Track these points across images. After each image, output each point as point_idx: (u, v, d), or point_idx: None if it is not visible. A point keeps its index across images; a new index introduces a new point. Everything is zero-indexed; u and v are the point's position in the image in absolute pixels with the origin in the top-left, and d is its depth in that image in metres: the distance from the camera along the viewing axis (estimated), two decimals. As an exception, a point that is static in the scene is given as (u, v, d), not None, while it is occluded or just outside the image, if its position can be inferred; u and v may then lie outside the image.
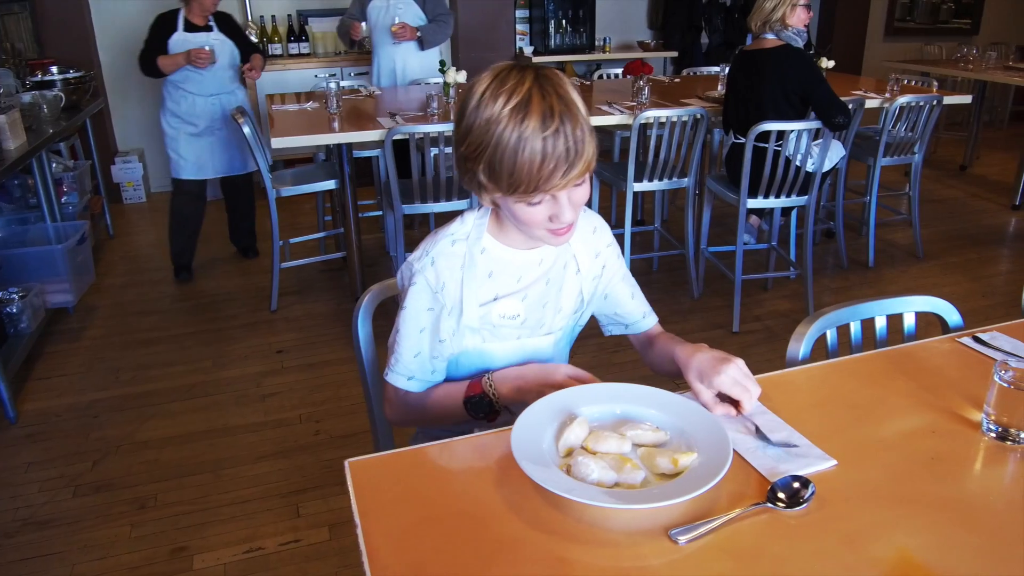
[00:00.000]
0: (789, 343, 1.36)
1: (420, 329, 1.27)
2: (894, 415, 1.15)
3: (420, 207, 3.38)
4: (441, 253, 1.26)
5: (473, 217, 1.30)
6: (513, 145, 1.08)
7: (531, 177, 1.08)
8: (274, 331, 3.54)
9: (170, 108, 3.92)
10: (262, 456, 2.64)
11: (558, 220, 1.15)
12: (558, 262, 1.34)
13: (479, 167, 1.13)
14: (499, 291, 1.29)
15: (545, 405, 1.09)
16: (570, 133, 1.08)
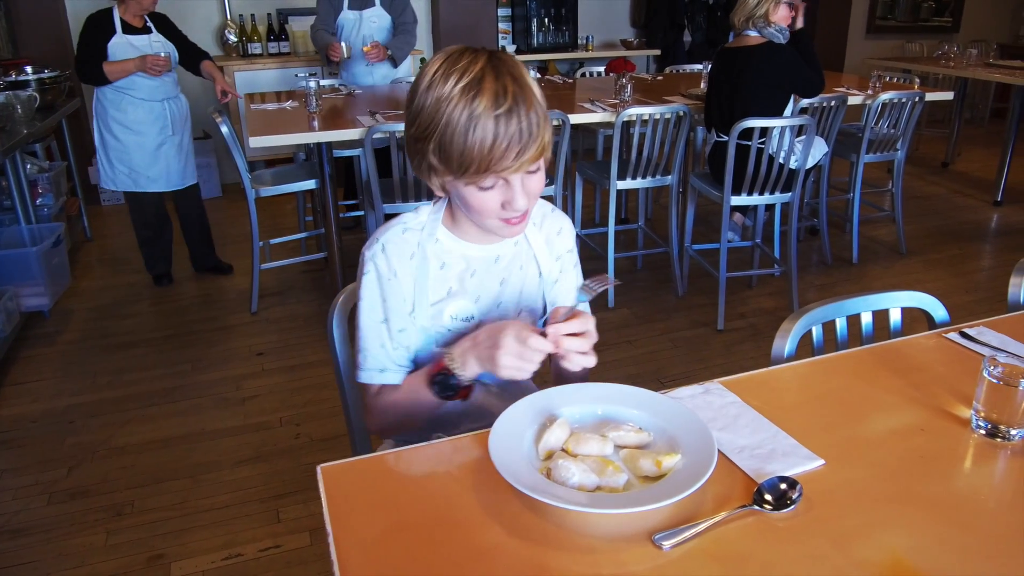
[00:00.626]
0: (774, 340, 1.34)
1: (380, 320, 1.23)
2: (882, 413, 1.12)
3: (401, 206, 3.33)
4: (391, 240, 1.22)
5: (428, 209, 1.26)
6: (464, 124, 1.04)
7: (482, 157, 1.05)
8: (254, 333, 3.49)
9: (115, 116, 3.67)
10: (241, 460, 2.59)
11: (511, 207, 1.11)
12: (515, 261, 1.29)
13: (429, 148, 1.09)
14: (452, 285, 1.24)
15: (525, 406, 1.06)
16: (524, 114, 1.05)
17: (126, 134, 3.70)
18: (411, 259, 1.22)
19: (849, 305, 1.40)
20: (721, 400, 1.13)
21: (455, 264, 1.24)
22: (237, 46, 5.52)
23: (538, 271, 1.32)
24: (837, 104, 3.70)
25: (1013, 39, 7.93)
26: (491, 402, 1.30)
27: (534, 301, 1.33)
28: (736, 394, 1.15)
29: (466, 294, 1.25)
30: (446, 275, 1.24)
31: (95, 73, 3.55)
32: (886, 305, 1.44)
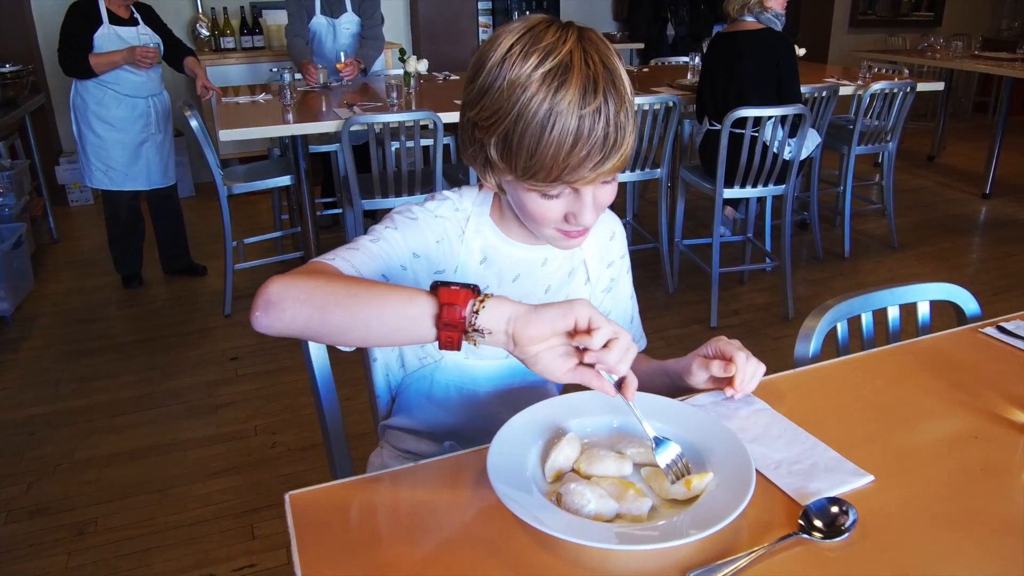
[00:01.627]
0: (798, 339, 1.21)
1: (401, 264, 1.01)
2: (928, 418, 1.00)
3: (381, 202, 3.19)
4: (443, 215, 1.06)
5: (473, 195, 1.09)
6: (541, 120, 0.86)
7: (556, 163, 0.87)
8: (228, 337, 3.33)
9: (95, 112, 3.48)
10: (214, 472, 2.44)
11: (575, 221, 0.94)
12: (563, 267, 1.14)
13: (491, 140, 0.91)
14: (490, 283, 1.08)
15: (526, 419, 0.92)
16: (612, 115, 0.87)
17: (107, 130, 3.52)
18: (459, 241, 1.07)
19: (875, 299, 1.28)
20: (748, 407, 1.01)
21: (499, 262, 1.09)
22: (209, 40, 5.34)
23: (586, 276, 1.18)
24: (828, 94, 3.61)
25: (994, 32, 7.90)
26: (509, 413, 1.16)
27: None
28: (762, 399, 1.02)
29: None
30: (486, 272, 1.09)
31: (80, 65, 3.37)
32: (914, 298, 1.32)
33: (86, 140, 3.55)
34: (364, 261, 0.97)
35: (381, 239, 1.01)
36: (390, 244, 1.01)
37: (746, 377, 1.02)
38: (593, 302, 1.18)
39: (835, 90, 3.62)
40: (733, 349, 1.04)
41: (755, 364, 1.03)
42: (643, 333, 1.32)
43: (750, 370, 1.02)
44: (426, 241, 1.04)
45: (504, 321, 0.81)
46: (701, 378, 1.06)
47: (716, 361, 1.04)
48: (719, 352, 1.06)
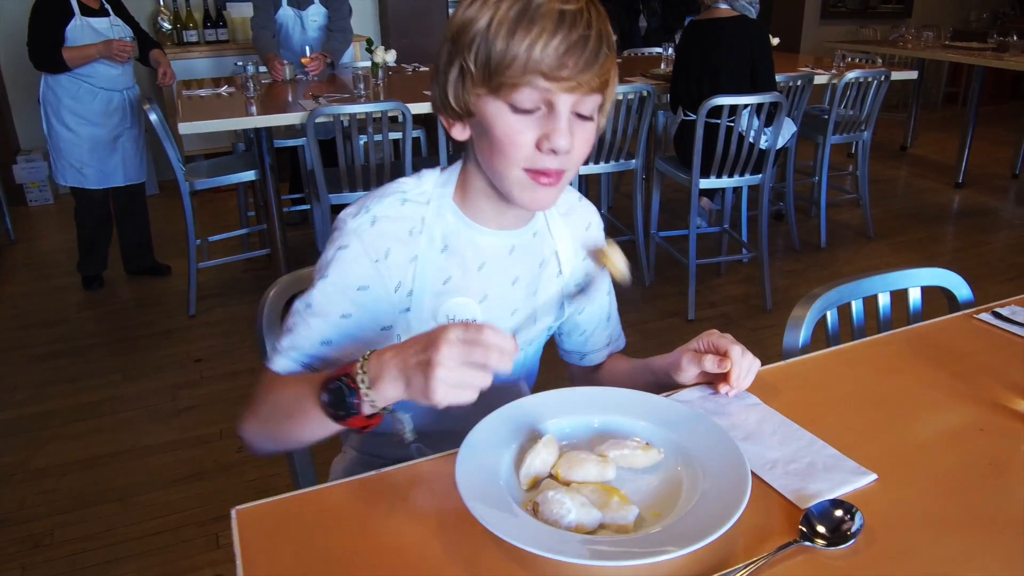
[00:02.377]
0: (786, 328, 1.14)
1: (342, 313, 0.95)
2: (929, 410, 0.94)
3: (349, 196, 3.09)
4: (386, 214, 0.95)
5: (433, 178, 1.00)
6: (518, 11, 0.82)
7: (531, 51, 0.81)
8: (192, 338, 3.21)
9: (70, 107, 3.34)
10: (177, 479, 2.33)
11: (548, 144, 0.85)
12: (533, 257, 1.05)
13: (469, 53, 0.85)
14: (452, 274, 0.99)
15: (498, 421, 0.84)
16: (594, 22, 0.84)
17: (82, 125, 3.38)
18: (410, 236, 0.96)
19: (866, 285, 1.22)
20: (739, 402, 0.94)
21: (461, 249, 0.99)
22: (172, 34, 5.19)
23: (558, 269, 1.08)
24: (803, 83, 3.56)
25: (963, 24, 7.94)
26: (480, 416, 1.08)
27: (550, 308, 1.10)
28: (753, 394, 0.96)
29: (469, 289, 1.00)
30: (447, 261, 0.99)
31: (53, 59, 3.22)
32: (905, 284, 1.26)
33: (59, 137, 3.40)
34: (304, 344, 0.94)
35: (312, 305, 0.95)
36: (324, 305, 0.95)
37: (742, 372, 0.95)
38: (566, 299, 1.11)
39: (810, 79, 3.57)
40: (727, 343, 0.97)
41: (750, 359, 0.96)
42: (621, 332, 1.25)
43: (745, 365, 0.96)
44: (365, 270, 0.95)
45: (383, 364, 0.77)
46: (691, 374, 0.99)
47: (709, 356, 0.97)
48: (712, 346, 0.99)
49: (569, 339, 1.20)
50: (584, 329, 1.18)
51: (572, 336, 1.20)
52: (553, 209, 1.06)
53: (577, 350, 1.21)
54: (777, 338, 3.15)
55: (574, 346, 1.21)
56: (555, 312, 1.12)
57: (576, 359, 1.23)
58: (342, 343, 0.96)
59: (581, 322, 1.17)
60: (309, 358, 0.95)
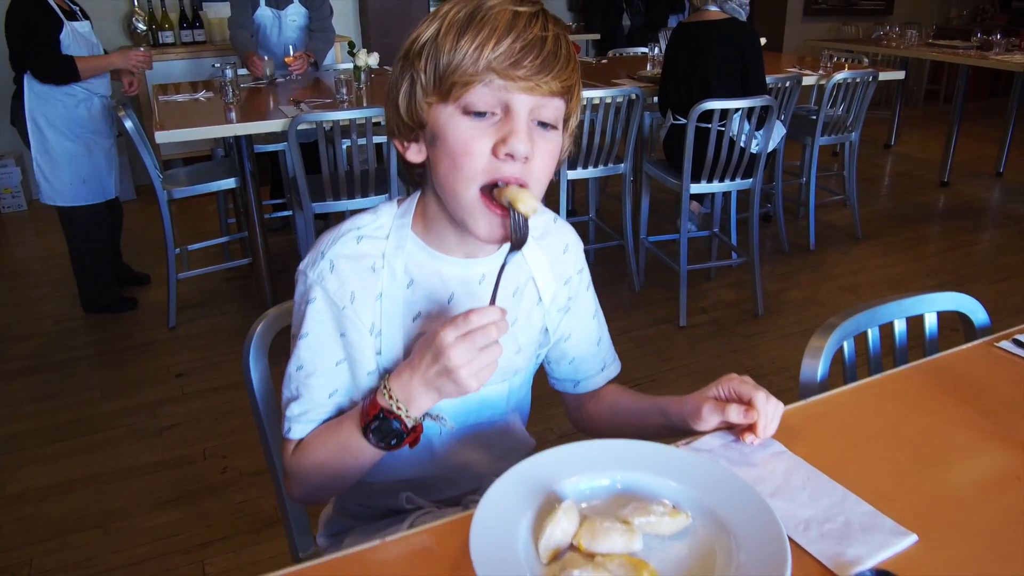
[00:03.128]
0: (803, 361, 1.09)
1: (336, 361, 0.92)
2: (962, 456, 0.89)
3: (332, 205, 3.02)
4: (343, 254, 0.90)
5: (391, 211, 0.94)
6: (468, 12, 0.79)
7: (484, 46, 0.77)
8: (173, 351, 3.13)
9: (67, 118, 3.14)
10: (160, 503, 2.26)
11: (506, 146, 0.79)
12: (505, 286, 0.97)
13: (419, 62, 0.81)
14: (421, 309, 0.93)
15: (513, 482, 0.77)
16: (551, 25, 0.80)
17: (80, 136, 3.21)
18: (373, 273, 0.91)
19: (882, 312, 1.17)
20: (763, 451, 0.88)
21: (427, 282, 0.93)
22: (147, 35, 5.07)
23: (537, 295, 1.02)
24: (792, 85, 3.53)
25: (944, 21, 7.97)
26: (471, 456, 1.03)
27: (533, 337, 1.04)
28: (777, 439, 0.90)
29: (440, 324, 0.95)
30: (414, 296, 0.93)
31: (63, 70, 3.05)
32: (922, 310, 1.22)
33: (55, 151, 3.17)
34: (313, 405, 0.94)
35: (304, 366, 0.93)
36: (314, 362, 0.93)
37: (768, 421, 0.90)
38: (549, 325, 1.04)
39: (798, 80, 3.54)
40: (750, 389, 0.91)
41: (775, 404, 0.91)
42: (616, 356, 1.18)
43: (771, 412, 0.90)
44: (337, 316, 0.91)
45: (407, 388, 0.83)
46: (712, 423, 0.93)
47: (733, 405, 0.91)
48: (734, 393, 0.93)
49: (558, 367, 1.14)
50: (573, 356, 1.12)
51: (561, 364, 1.13)
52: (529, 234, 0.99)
53: (569, 378, 1.15)
54: (770, 344, 3.11)
55: (565, 374, 1.14)
56: (539, 340, 1.05)
57: (569, 387, 1.16)
58: (348, 387, 0.94)
59: (569, 349, 1.11)
60: (324, 415, 0.94)
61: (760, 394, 0.90)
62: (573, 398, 1.17)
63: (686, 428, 0.96)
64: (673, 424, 0.98)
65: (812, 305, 3.42)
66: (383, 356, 0.93)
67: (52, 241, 4.27)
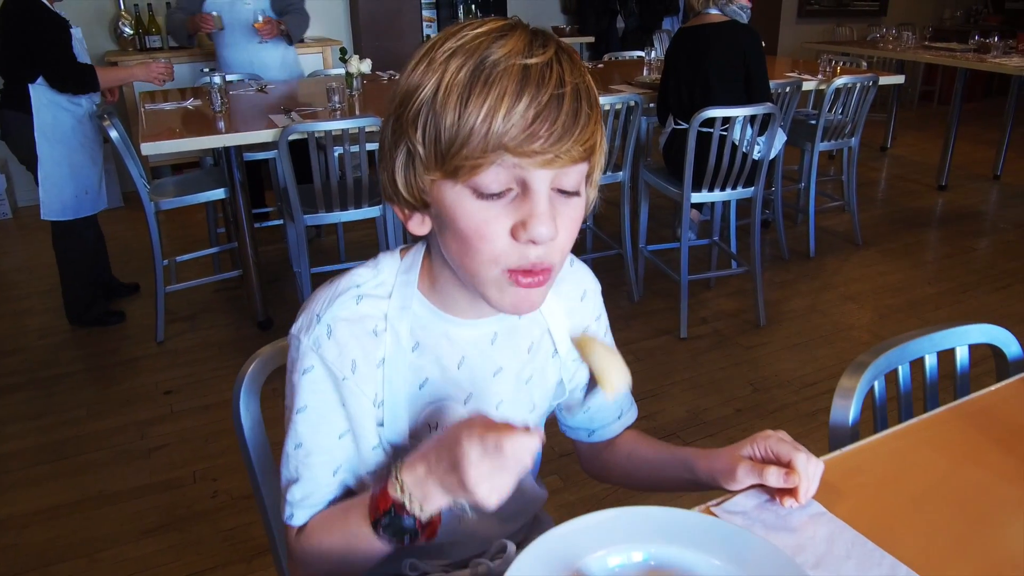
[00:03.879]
0: (833, 402, 1.03)
1: (339, 434, 0.83)
2: (1011, 515, 0.82)
3: (324, 216, 2.94)
4: (341, 318, 0.80)
5: (393, 266, 0.84)
6: (470, 73, 0.66)
7: (493, 118, 0.65)
8: (161, 367, 3.04)
9: (73, 127, 3.07)
10: (148, 530, 2.18)
11: (527, 232, 0.69)
12: (520, 343, 0.90)
13: (416, 130, 0.69)
14: (429, 375, 0.84)
15: (534, 560, 0.70)
16: (567, 75, 0.67)
17: (91, 147, 3.16)
18: (375, 337, 0.81)
19: (912, 348, 1.11)
20: (799, 512, 0.82)
21: (435, 346, 0.84)
22: (133, 39, 4.97)
23: (553, 348, 0.94)
24: (792, 90, 3.47)
25: (938, 22, 7.94)
26: (480, 519, 0.95)
27: (548, 392, 0.96)
28: (814, 498, 0.84)
29: (450, 391, 0.86)
30: (420, 360, 0.84)
31: (88, 80, 3.00)
32: (953, 343, 1.15)
33: (63, 164, 3.08)
34: (315, 487, 0.84)
35: (304, 444, 0.83)
36: (314, 438, 0.83)
37: (810, 484, 0.83)
38: (565, 374, 0.96)
39: (798, 85, 3.48)
40: (789, 449, 0.84)
41: (815, 464, 0.84)
42: (632, 402, 1.09)
43: (812, 472, 0.83)
44: (337, 386, 0.81)
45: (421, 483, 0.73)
46: (747, 483, 0.86)
47: (772, 469, 0.84)
48: (771, 453, 0.86)
49: (572, 416, 1.06)
50: (588, 405, 1.04)
51: (575, 412, 1.05)
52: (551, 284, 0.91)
53: (584, 427, 1.07)
54: (773, 356, 3.05)
55: (579, 423, 1.06)
56: (554, 393, 0.98)
57: (583, 436, 1.08)
58: (353, 461, 0.85)
59: (584, 399, 1.03)
60: (328, 495, 0.85)
61: (800, 455, 0.83)
62: (587, 447, 1.10)
63: (715, 485, 0.89)
64: (700, 480, 0.91)
65: (814, 315, 3.37)
66: (386, 428, 0.84)
67: (37, 251, 4.18)
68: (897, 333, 1.06)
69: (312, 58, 5.22)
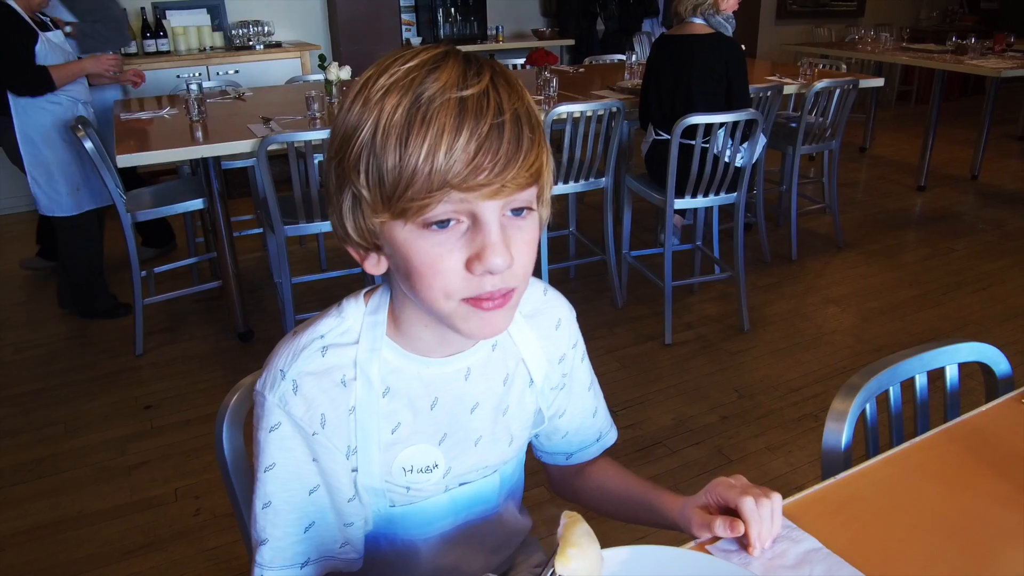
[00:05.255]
0: (826, 426, 1.02)
1: (310, 489, 0.81)
2: (1008, 544, 0.82)
3: (305, 227, 2.91)
4: (306, 372, 0.78)
5: (358, 311, 0.82)
6: (406, 111, 0.65)
7: (434, 156, 0.64)
8: (141, 381, 3.00)
9: (53, 125, 3.14)
10: (129, 551, 2.14)
11: (481, 264, 0.68)
12: (494, 376, 0.88)
13: (359, 175, 0.68)
14: (402, 419, 0.82)
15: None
16: (505, 102, 0.66)
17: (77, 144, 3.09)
18: (343, 388, 0.79)
19: (903, 369, 1.10)
20: (795, 548, 0.80)
21: (406, 388, 0.82)
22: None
23: (529, 378, 0.92)
24: (773, 95, 3.48)
25: (915, 22, 8.01)
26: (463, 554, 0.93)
27: (526, 422, 0.94)
28: (809, 532, 0.82)
29: (424, 433, 0.84)
30: (392, 405, 0.82)
31: (39, 81, 3.04)
32: (942, 362, 1.15)
33: (49, 162, 3.17)
34: (285, 546, 0.82)
35: (273, 502, 0.80)
36: (283, 495, 0.80)
37: (763, 528, 0.81)
38: (543, 402, 0.94)
39: (779, 89, 3.49)
40: (736, 496, 0.82)
41: (767, 505, 0.81)
42: (612, 423, 1.07)
43: (764, 515, 0.81)
44: (307, 442, 0.80)
45: None
46: (705, 535, 0.84)
47: (719, 521, 0.82)
48: (720, 500, 0.84)
49: (550, 442, 1.04)
50: (567, 430, 1.02)
51: (553, 439, 1.03)
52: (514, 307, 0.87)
53: (562, 451, 1.05)
54: (758, 362, 3.05)
55: (557, 448, 1.04)
56: (532, 422, 0.96)
57: (561, 460, 1.06)
58: (323, 519, 0.82)
59: (562, 424, 1.01)
60: (299, 557, 0.83)
61: (747, 500, 0.81)
62: (558, 471, 1.08)
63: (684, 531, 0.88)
64: (665, 523, 0.90)
65: (797, 319, 3.37)
66: (360, 473, 0.82)
67: (9, 262, 4.11)
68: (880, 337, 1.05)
69: (290, 63, 5.18)
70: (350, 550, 0.86)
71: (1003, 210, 4.78)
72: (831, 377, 2.90)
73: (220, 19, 5.34)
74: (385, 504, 0.85)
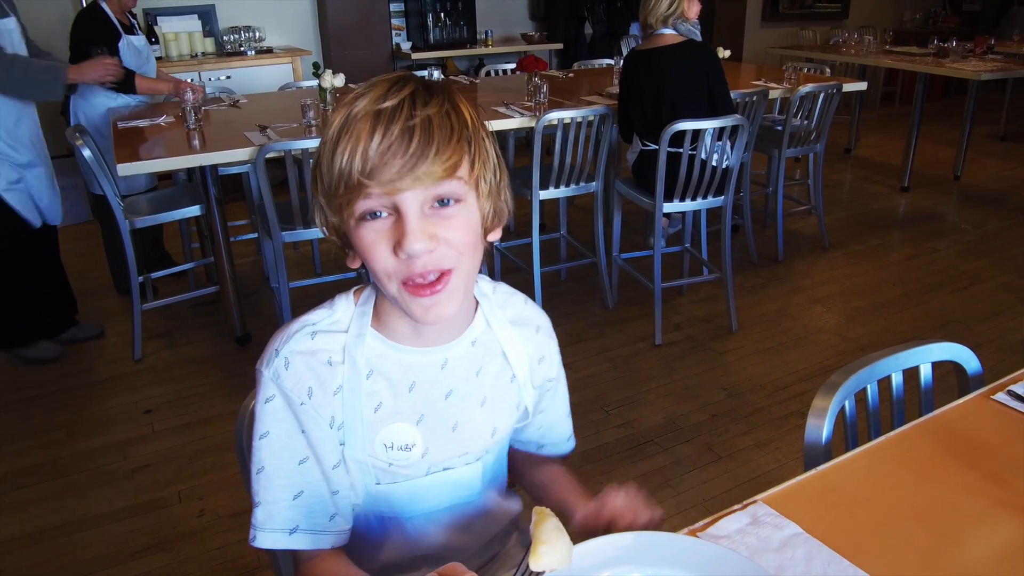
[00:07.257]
0: (807, 423, 1.09)
1: (299, 460, 0.90)
2: (975, 528, 0.89)
3: (302, 233, 2.96)
4: (297, 351, 0.90)
5: (348, 305, 0.94)
6: (343, 123, 0.79)
7: (353, 158, 0.76)
8: (140, 386, 3.04)
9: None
10: (135, 552, 2.19)
11: (402, 248, 0.79)
12: (468, 366, 0.96)
13: (317, 183, 0.83)
14: (383, 399, 0.92)
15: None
16: (420, 109, 0.77)
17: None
18: (330, 367, 0.90)
19: (879, 368, 1.17)
20: (778, 534, 0.87)
21: (387, 371, 0.92)
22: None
23: (511, 374, 1.00)
24: (759, 99, 3.55)
25: (898, 24, 8.12)
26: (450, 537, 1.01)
27: (506, 416, 1.01)
28: (791, 519, 0.89)
29: (403, 413, 0.93)
30: (374, 386, 0.92)
31: (127, 81, 3.26)
32: (916, 361, 1.22)
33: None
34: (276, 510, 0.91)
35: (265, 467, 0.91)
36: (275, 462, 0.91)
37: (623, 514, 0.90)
38: (526, 398, 1.03)
39: (765, 94, 3.57)
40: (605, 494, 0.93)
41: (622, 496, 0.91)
42: (572, 434, 1.17)
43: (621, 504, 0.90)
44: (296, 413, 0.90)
45: None
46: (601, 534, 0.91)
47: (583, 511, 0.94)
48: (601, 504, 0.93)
49: (525, 431, 1.12)
50: (542, 424, 1.11)
51: (529, 429, 1.11)
52: (500, 316, 0.99)
53: (535, 440, 1.13)
54: (745, 361, 3.13)
55: (530, 437, 1.13)
56: (516, 417, 1.04)
57: (533, 448, 1.14)
58: (313, 490, 0.91)
59: (540, 419, 1.10)
60: (288, 523, 0.91)
61: (610, 495, 0.91)
62: (521, 459, 1.15)
63: None
64: None
65: (784, 319, 3.45)
66: (347, 447, 0.92)
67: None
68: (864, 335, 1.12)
69: (282, 68, 5.23)
70: (341, 521, 0.94)
71: (984, 210, 4.88)
72: (817, 376, 2.97)
73: (211, 25, 5.38)
74: (371, 480, 0.94)
